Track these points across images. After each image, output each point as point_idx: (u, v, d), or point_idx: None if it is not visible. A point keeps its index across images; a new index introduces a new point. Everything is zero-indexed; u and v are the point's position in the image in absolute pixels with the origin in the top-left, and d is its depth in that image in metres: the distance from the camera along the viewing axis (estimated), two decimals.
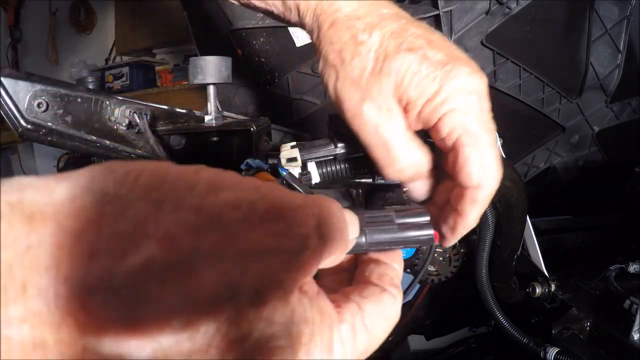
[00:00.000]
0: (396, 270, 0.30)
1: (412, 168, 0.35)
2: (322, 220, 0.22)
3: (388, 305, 0.27)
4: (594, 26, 0.95)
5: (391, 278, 0.29)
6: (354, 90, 0.33)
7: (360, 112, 0.33)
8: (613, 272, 0.75)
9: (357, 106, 0.33)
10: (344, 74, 0.34)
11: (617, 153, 1.16)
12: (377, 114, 0.33)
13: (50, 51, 4.44)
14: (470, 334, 1.07)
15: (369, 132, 0.34)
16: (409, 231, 0.31)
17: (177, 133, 0.70)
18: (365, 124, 0.33)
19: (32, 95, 0.63)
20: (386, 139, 0.33)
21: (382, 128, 0.33)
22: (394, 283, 0.28)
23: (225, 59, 0.69)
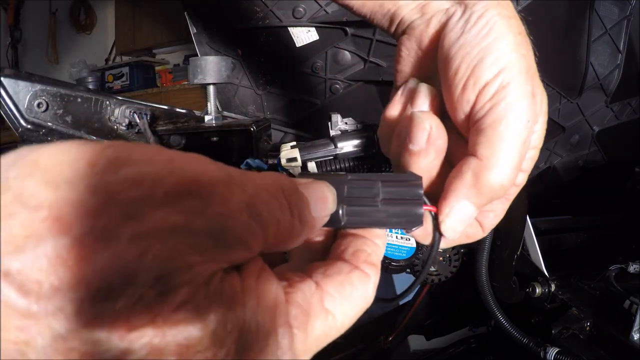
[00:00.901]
0: (377, 246, 0.27)
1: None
2: (258, 199, 0.19)
3: (356, 285, 0.23)
4: (594, 26, 0.95)
5: (368, 255, 0.26)
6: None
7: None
8: (613, 272, 0.75)
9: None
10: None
11: (617, 153, 1.16)
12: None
13: (50, 51, 4.44)
14: (470, 334, 1.07)
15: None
16: (393, 207, 0.26)
17: (177, 133, 0.70)
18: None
19: (32, 95, 0.63)
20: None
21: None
22: (369, 260, 0.25)
23: (225, 59, 0.69)
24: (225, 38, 0.94)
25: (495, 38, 0.29)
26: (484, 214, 0.33)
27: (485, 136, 0.28)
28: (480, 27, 0.29)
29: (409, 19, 0.34)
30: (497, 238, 0.71)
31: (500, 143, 0.28)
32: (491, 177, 0.28)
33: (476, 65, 0.29)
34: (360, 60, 0.95)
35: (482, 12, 0.30)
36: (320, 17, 0.86)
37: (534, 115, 0.29)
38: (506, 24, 0.29)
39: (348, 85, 0.98)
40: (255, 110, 1.03)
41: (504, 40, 0.29)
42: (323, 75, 0.96)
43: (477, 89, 0.29)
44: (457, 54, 0.30)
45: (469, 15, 0.30)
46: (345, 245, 0.26)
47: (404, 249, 0.65)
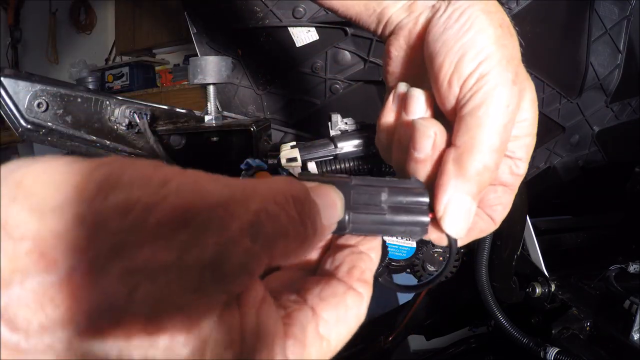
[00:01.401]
0: (371, 260, 0.27)
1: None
2: (264, 215, 0.18)
3: (351, 308, 0.23)
4: (594, 26, 0.95)
5: (362, 272, 0.25)
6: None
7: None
8: (613, 272, 0.75)
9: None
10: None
11: (617, 153, 1.16)
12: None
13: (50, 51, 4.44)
14: (470, 334, 1.07)
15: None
16: (399, 215, 0.26)
17: (177, 133, 0.70)
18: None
19: (32, 95, 0.63)
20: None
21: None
22: (363, 278, 0.25)
23: (225, 59, 0.69)
24: (225, 38, 0.94)
25: (476, 32, 0.29)
26: (493, 208, 0.33)
27: (463, 123, 0.29)
28: (462, 22, 0.30)
29: (396, 19, 0.34)
30: (497, 238, 0.71)
31: (477, 127, 0.28)
32: (471, 161, 0.28)
33: (458, 60, 0.29)
34: (360, 60, 0.95)
35: (464, 8, 0.30)
36: (320, 17, 0.86)
37: (515, 101, 0.29)
38: (487, 18, 0.30)
39: (348, 85, 0.98)
40: (255, 110, 1.03)
41: (484, 34, 0.29)
42: (323, 75, 0.96)
43: (460, 83, 0.29)
44: (441, 50, 0.30)
45: (452, 11, 0.31)
46: (340, 260, 0.26)
47: (404, 249, 0.65)
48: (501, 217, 0.34)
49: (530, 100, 0.32)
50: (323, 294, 0.23)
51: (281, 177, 0.21)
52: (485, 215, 0.33)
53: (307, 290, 0.23)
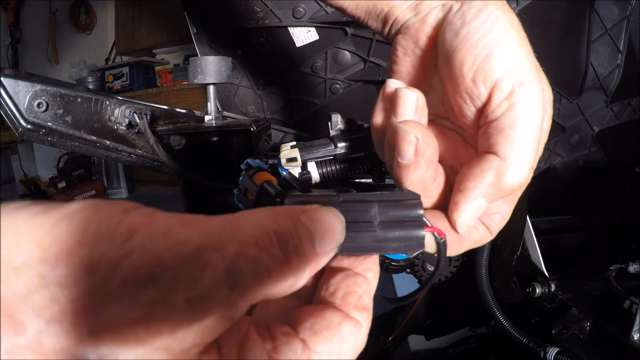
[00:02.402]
0: (368, 282, 0.25)
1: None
2: (242, 259, 0.17)
3: (347, 340, 0.21)
4: (594, 26, 0.96)
5: (359, 297, 0.23)
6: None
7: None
8: (613, 272, 0.75)
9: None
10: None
11: (617, 153, 1.16)
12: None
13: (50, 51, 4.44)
14: (470, 334, 1.07)
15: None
16: (392, 231, 0.25)
17: (177, 133, 0.70)
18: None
19: (32, 95, 0.63)
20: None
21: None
22: (361, 305, 0.23)
23: (225, 59, 0.69)
24: (225, 38, 0.94)
25: (501, 31, 0.28)
26: (490, 217, 0.32)
27: (506, 136, 0.28)
28: (483, 19, 0.28)
29: (403, 19, 0.33)
30: (497, 238, 0.71)
31: (522, 143, 0.28)
32: (513, 177, 0.28)
33: (484, 58, 0.28)
34: (360, 60, 0.95)
35: (481, 6, 0.29)
36: (320, 17, 0.86)
37: (548, 115, 0.29)
38: (508, 19, 0.29)
39: (348, 85, 0.98)
40: (255, 110, 1.03)
41: (509, 35, 0.28)
42: (323, 75, 0.96)
43: (489, 85, 0.28)
44: (461, 46, 0.29)
45: (468, 8, 0.29)
46: (334, 286, 0.24)
47: None
48: (498, 228, 0.33)
49: (550, 109, 0.31)
50: (316, 326, 0.21)
51: (263, 211, 0.20)
52: (482, 225, 0.32)
53: (300, 321, 0.21)
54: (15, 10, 3.86)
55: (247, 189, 0.38)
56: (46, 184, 3.83)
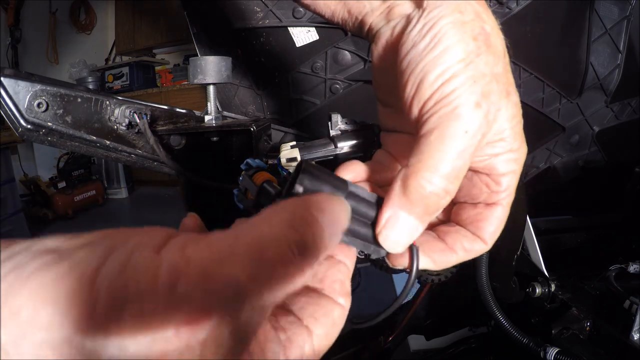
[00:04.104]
0: (348, 269, 0.28)
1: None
2: (263, 271, 0.19)
3: (337, 323, 0.26)
4: (594, 26, 0.96)
5: (342, 283, 0.27)
6: None
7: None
8: (613, 272, 0.75)
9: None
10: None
11: (617, 153, 1.16)
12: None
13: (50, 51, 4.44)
14: (470, 334, 1.07)
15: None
16: (373, 231, 0.28)
17: (177, 133, 0.70)
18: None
19: (32, 95, 0.63)
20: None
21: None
22: (344, 290, 0.27)
23: (225, 59, 0.69)
24: (225, 38, 0.94)
25: (443, 50, 0.27)
26: (477, 225, 0.32)
27: (416, 145, 0.27)
28: (430, 38, 0.28)
29: (376, 26, 0.33)
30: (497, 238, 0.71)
31: (429, 151, 0.27)
32: (418, 183, 0.27)
33: (420, 82, 0.28)
34: (360, 60, 0.95)
35: (435, 21, 0.28)
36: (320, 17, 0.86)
37: (477, 124, 0.27)
38: (459, 32, 0.28)
39: (348, 85, 0.98)
40: (255, 110, 1.03)
41: (452, 51, 0.27)
42: (323, 75, 0.96)
43: (420, 106, 0.28)
44: (406, 70, 0.29)
45: (423, 25, 0.29)
46: (322, 273, 0.27)
47: None
48: (491, 236, 0.32)
49: (507, 117, 0.29)
50: (316, 313, 0.25)
51: (284, 216, 0.21)
52: (469, 234, 0.32)
53: (301, 309, 0.26)
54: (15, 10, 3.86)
55: (247, 189, 0.38)
56: (46, 184, 3.83)
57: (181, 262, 0.17)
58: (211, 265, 0.17)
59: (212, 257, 0.18)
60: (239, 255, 0.18)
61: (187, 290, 0.17)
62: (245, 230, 0.20)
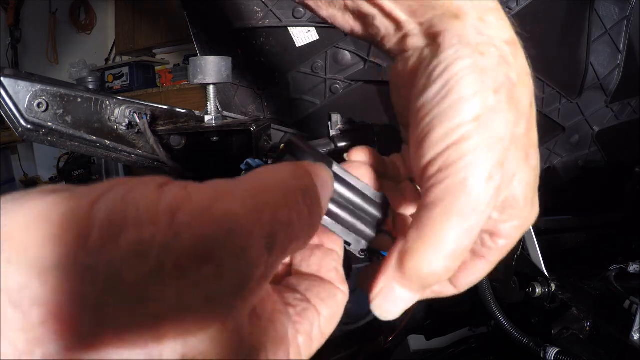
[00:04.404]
0: (339, 256, 0.29)
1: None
2: (277, 223, 0.18)
3: (340, 305, 0.26)
4: (594, 26, 0.96)
5: (337, 271, 0.28)
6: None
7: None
8: (613, 272, 0.75)
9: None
10: None
11: (617, 153, 1.16)
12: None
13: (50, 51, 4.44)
14: (470, 334, 1.07)
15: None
16: (355, 220, 0.27)
17: (177, 133, 0.70)
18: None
19: (32, 95, 0.63)
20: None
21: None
22: (340, 277, 0.27)
23: (225, 59, 0.69)
24: (225, 38, 0.94)
25: (455, 102, 0.23)
26: (457, 276, 0.29)
27: (418, 216, 0.24)
28: (441, 84, 0.24)
29: (392, 52, 0.30)
30: None
31: (432, 228, 0.23)
32: (416, 264, 0.24)
33: (424, 138, 0.24)
34: (360, 60, 0.95)
35: (449, 63, 0.24)
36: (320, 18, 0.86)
37: (486, 200, 0.23)
38: (477, 80, 0.23)
39: (348, 85, 0.98)
40: (255, 110, 1.03)
41: (465, 105, 0.23)
42: (323, 75, 0.96)
43: (422, 166, 0.25)
44: (414, 119, 0.25)
45: (436, 64, 0.25)
46: (316, 263, 0.27)
47: None
48: (465, 285, 0.29)
49: (522, 184, 0.26)
50: (322, 295, 0.26)
51: (285, 169, 0.21)
52: (446, 281, 0.29)
53: (307, 290, 0.26)
54: (15, 10, 3.86)
55: None
56: (46, 184, 3.83)
57: (183, 195, 0.16)
58: (211, 200, 0.17)
59: (213, 195, 0.17)
60: (240, 193, 0.17)
61: (187, 219, 0.15)
62: (249, 176, 0.19)
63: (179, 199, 0.16)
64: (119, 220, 0.15)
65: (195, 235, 0.15)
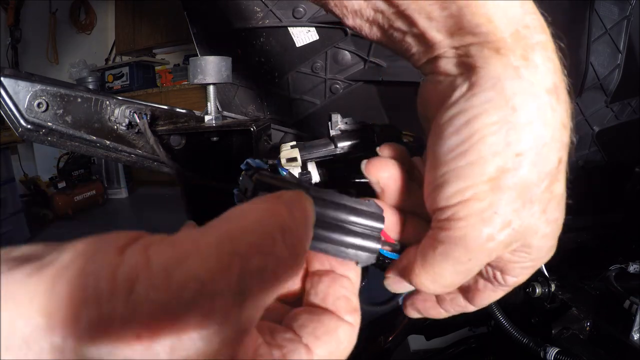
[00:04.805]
0: (352, 283, 0.26)
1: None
2: (249, 278, 0.17)
3: (342, 341, 0.23)
4: (594, 26, 0.95)
5: (347, 300, 0.25)
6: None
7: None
8: (613, 272, 0.75)
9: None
10: None
11: (617, 153, 1.16)
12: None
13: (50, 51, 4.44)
14: (470, 334, 1.07)
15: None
16: (352, 237, 0.25)
17: (177, 133, 0.70)
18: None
19: (32, 95, 0.63)
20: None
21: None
22: (350, 307, 0.24)
23: (225, 59, 0.69)
24: (225, 38, 0.94)
25: (473, 162, 0.23)
26: (472, 297, 0.33)
27: (422, 248, 0.27)
28: (465, 137, 0.23)
29: (424, 71, 0.29)
30: None
31: (430, 264, 0.27)
32: (418, 284, 0.28)
33: (437, 187, 0.25)
34: (360, 60, 0.95)
35: (477, 113, 0.23)
36: (320, 17, 0.86)
37: (487, 256, 0.25)
38: (500, 141, 0.23)
39: (348, 85, 0.98)
40: (255, 110, 1.03)
41: (482, 166, 0.23)
42: (323, 75, 0.96)
43: (433, 209, 0.26)
44: (432, 158, 0.26)
45: (460, 110, 0.24)
46: (323, 291, 0.25)
47: None
48: (480, 305, 0.32)
49: (538, 237, 0.26)
50: (317, 332, 0.23)
51: (258, 206, 0.19)
52: (461, 299, 0.34)
53: (301, 326, 0.23)
54: (15, 10, 3.86)
55: (247, 188, 0.38)
56: (46, 184, 3.83)
57: (141, 261, 0.16)
58: (172, 264, 0.16)
59: (174, 255, 0.16)
60: (204, 249, 0.16)
61: (146, 290, 0.15)
62: (220, 222, 0.18)
63: (139, 267, 0.16)
64: (78, 297, 0.15)
65: (154, 307, 0.15)
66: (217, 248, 0.17)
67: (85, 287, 0.15)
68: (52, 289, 0.15)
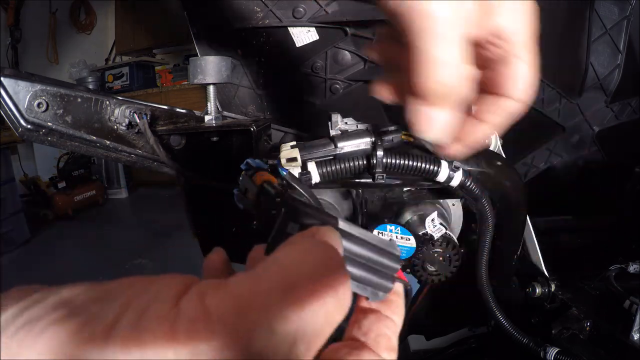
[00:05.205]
0: (395, 325, 0.27)
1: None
2: (304, 329, 0.17)
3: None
4: (594, 26, 0.95)
5: (388, 340, 0.26)
6: None
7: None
8: (613, 272, 0.75)
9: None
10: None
11: (617, 153, 1.16)
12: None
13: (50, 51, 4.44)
14: (470, 334, 1.07)
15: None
16: (370, 274, 0.26)
17: (177, 133, 0.70)
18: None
19: (32, 95, 0.63)
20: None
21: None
22: (390, 346, 0.26)
23: (225, 59, 0.69)
24: (225, 38, 0.94)
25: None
26: (501, 85, 0.32)
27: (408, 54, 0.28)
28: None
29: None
30: (497, 238, 0.71)
31: (418, 51, 0.27)
32: (423, 76, 0.28)
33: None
34: (360, 60, 0.95)
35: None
36: (320, 17, 0.86)
37: (455, 25, 0.27)
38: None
39: (348, 85, 0.98)
40: (255, 110, 1.03)
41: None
42: (323, 75, 0.96)
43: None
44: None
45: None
46: (367, 327, 0.26)
47: (404, 249, 0.65)
48: (520, 93, 0.32)
49: (511, 12, 0.29)
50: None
51: (313, 252, 0.20)
52: (495, 98, 0.33)
53: (340, 357, 0.24)
54: (15, 10, 3.86)
55: (247, 189, 0.38)
56: (46, 184, 3.83)
57: (201, 313, 0.16)
58: (234, 317, 0.16)
59: (235, 304, 0.16)
60: (262, 301, 0.17)
61: (209, 345, 0.15)
62: (275, 269, 0.18)
63: (199, 320, 0.16)
64: (136, 349, 0.15)
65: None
66: (277, 296, 0.17)
67: (143, 342, 0.15)
68: (107, 340, 0.15)
